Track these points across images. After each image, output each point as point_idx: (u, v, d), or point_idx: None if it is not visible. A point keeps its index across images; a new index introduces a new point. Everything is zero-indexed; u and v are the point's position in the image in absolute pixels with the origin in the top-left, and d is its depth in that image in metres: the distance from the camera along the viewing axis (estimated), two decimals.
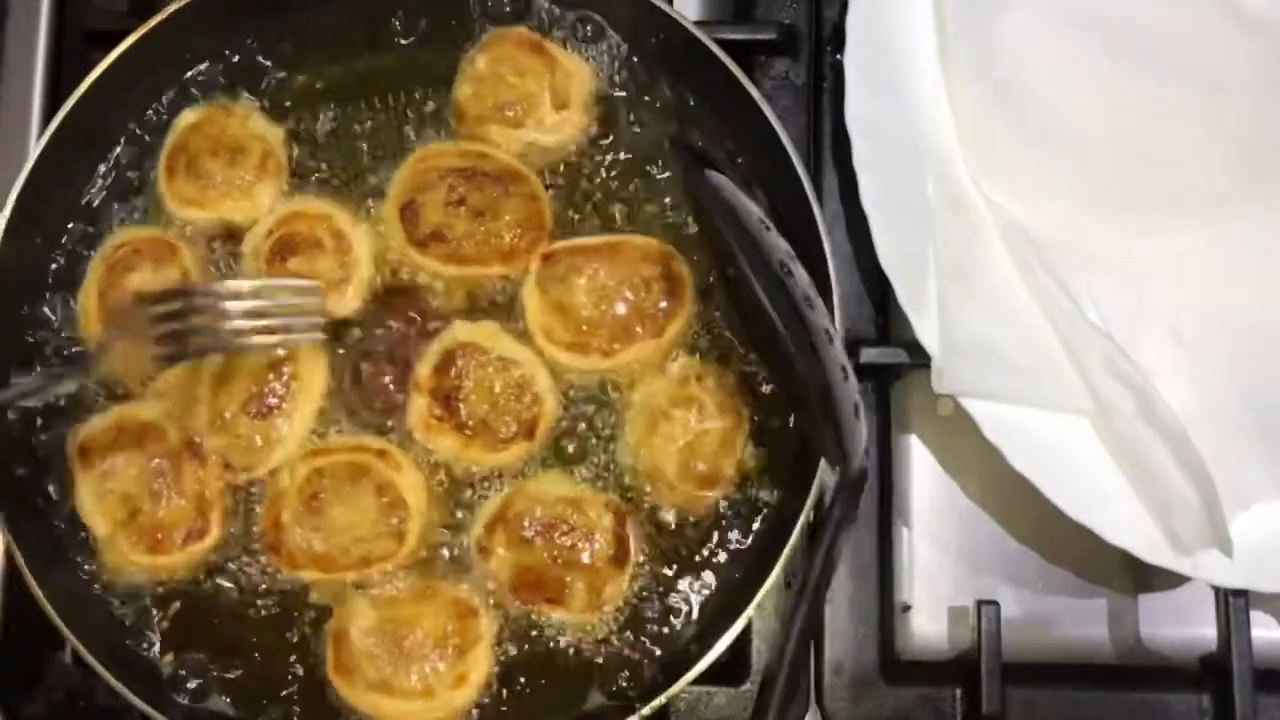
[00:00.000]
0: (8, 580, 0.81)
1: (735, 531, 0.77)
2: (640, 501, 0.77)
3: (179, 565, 0.75)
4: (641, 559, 0.76)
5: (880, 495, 0.83)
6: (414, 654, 0.72)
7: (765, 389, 0.77)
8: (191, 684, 0.75)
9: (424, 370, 0.76)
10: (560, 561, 0.73)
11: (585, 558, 0.73)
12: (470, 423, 0.75)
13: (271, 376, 0.75)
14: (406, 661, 0.72)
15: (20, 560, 0.73)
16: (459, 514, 0.76)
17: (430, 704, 0.72)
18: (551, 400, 0.76)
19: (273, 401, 0.75)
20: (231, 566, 0.76)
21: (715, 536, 0.77)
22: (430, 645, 0.72)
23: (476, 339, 0.76)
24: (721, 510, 0.77)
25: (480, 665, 0.73)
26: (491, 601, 0.75)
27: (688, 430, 0.75)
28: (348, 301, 0.77)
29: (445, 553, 0.76)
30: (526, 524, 0.74)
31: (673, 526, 0.76)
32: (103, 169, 0.81)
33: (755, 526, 0.77)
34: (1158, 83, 0.80)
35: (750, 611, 0.73)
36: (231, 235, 0.79)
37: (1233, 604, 0.79)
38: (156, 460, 0.74)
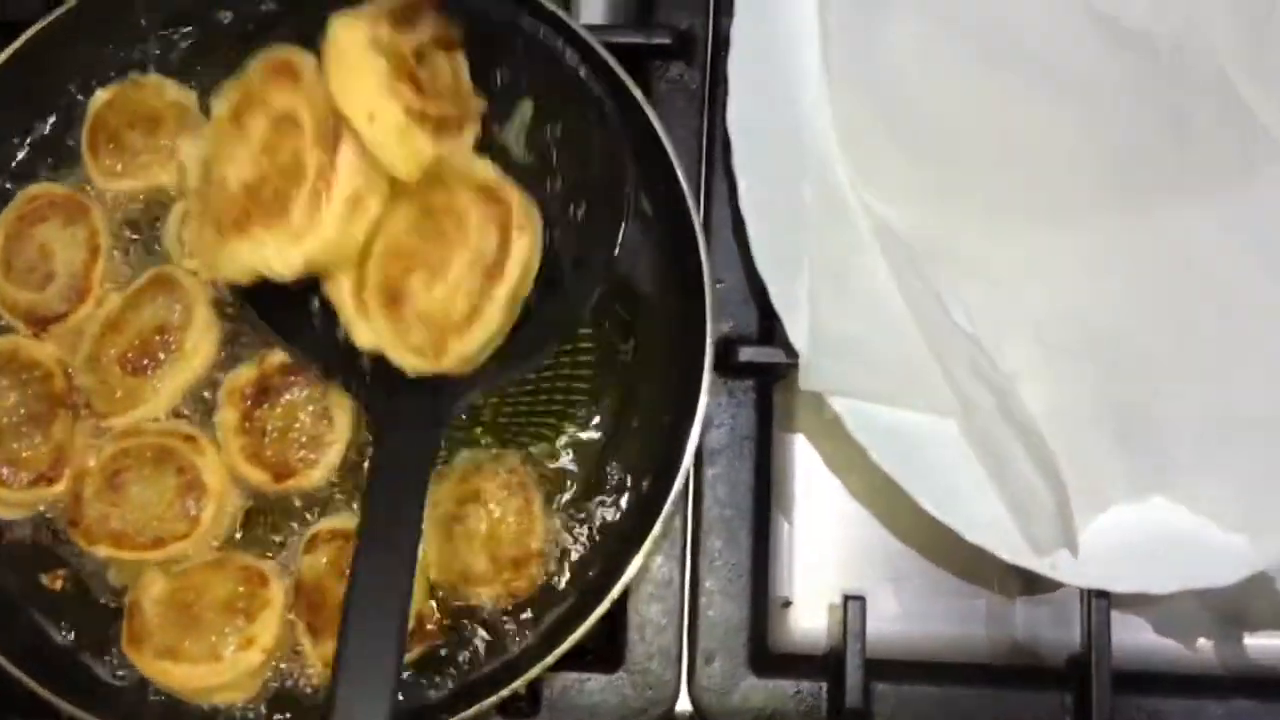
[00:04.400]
0: None
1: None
2: (454, 599, 0.77)
3: (18, 503, 0.77)
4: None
5: (757, 491, 0.84)
6: (201, 619, 0.73)
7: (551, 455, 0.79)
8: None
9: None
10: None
11: None
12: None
13: (157, 338, 0.77)
14: (194, 627, 0.73)
15: None
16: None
17: (216, 667, 0.73)
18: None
19: (148, 362, 0.77)
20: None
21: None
22: (217, 610, 0.74)
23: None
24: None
25: (268, 629, 0.74)
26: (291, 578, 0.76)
27: (483, 522, 0.76)
28: None
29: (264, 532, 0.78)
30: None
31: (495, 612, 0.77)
32: (29, 141, 0.83)
33: (613, 518, 0.79)
34: (1032, 91, 0.81)
35: (613, 597, 0.74)
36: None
37: (1095, 604, 0.81)
38: (34, 397, 0.76)
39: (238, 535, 0.78)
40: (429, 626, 0.76)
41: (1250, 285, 0.79)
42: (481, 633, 0.78)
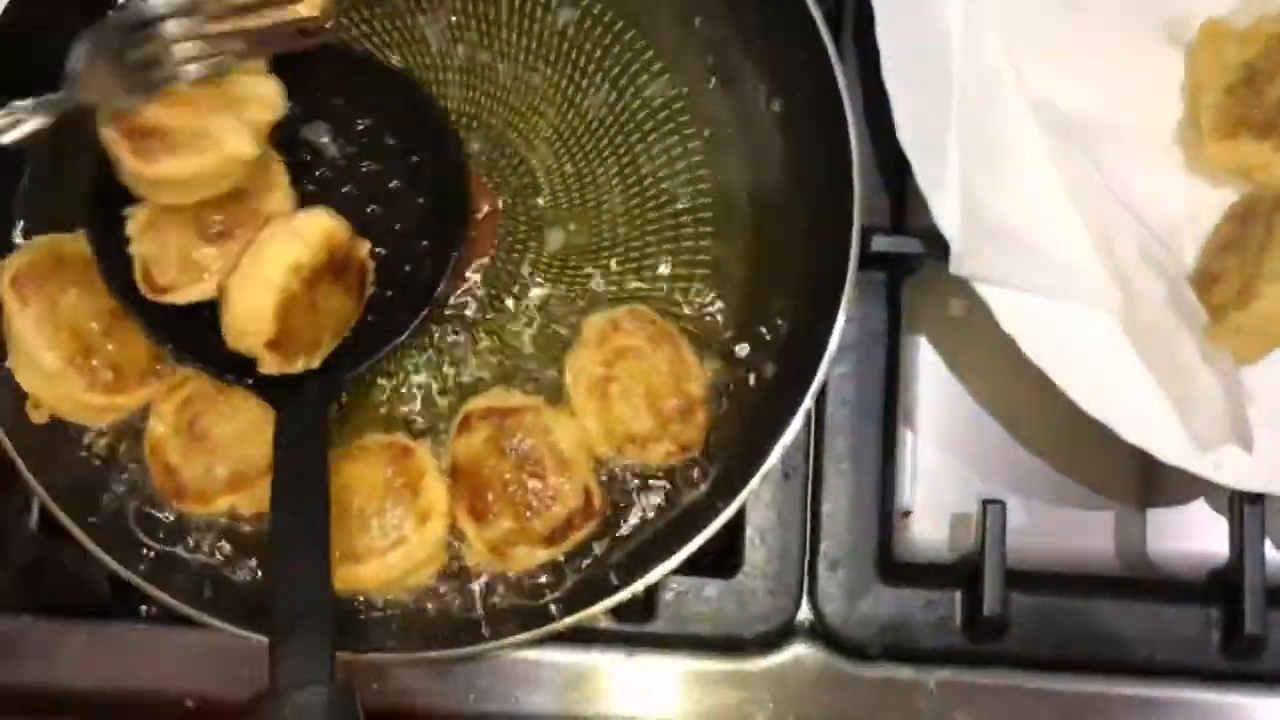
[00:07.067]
0: None
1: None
2: (625, 467, 0.74)
3: (132, 405, 0.71)
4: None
5: (885, 396, 0.79)
6: (366, 512, 0.69)
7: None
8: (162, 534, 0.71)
9: None
10: (515, 494, 0.71)
11: (538, 514, 0.71)
12: None
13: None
14: (363, 523, 0.69)
15: None
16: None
17: (406, 550, 0.69)
18: None
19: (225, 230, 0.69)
20: None
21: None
22: (379, 497, 0.70)
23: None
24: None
25: (438, 495, 0.70)
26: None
27: (636, 376, 0.72)
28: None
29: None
30: (515, 440, 0.71)
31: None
32: None
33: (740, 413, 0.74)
34: None
35: (740, 501, 0.70)
36: None
37: (1248, 513, 0.76)
38: (104, 295, 0.69)
39: None
40: (595, 505, 0.72)
41: None
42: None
